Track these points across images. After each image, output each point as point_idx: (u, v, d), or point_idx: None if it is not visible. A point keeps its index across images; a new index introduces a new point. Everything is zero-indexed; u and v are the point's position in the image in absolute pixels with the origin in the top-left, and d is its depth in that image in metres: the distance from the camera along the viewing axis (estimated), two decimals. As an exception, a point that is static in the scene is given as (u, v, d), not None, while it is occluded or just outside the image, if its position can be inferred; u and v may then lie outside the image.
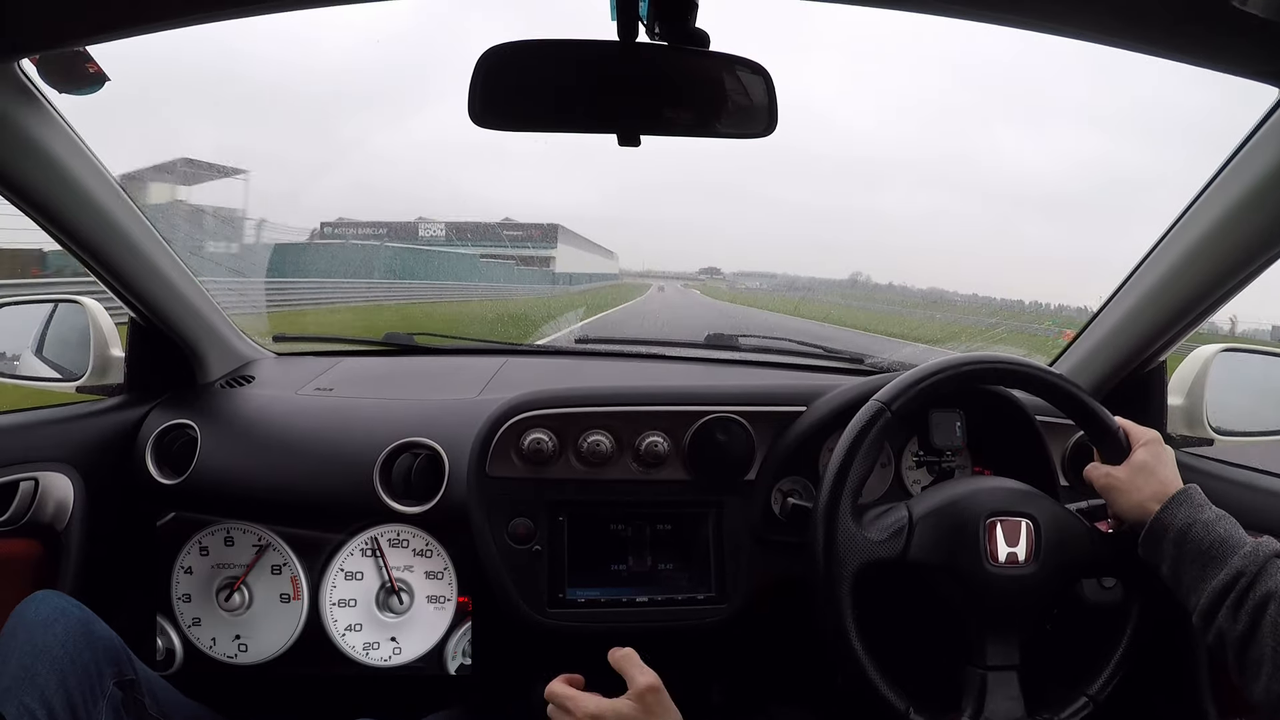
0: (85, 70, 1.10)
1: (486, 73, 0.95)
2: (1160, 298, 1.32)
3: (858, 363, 1.80)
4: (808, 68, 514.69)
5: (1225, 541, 0.90)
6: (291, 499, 1.39)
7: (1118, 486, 1.01)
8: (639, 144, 1.03)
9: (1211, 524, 0.92)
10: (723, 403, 1.35)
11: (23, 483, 1.31)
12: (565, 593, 1.30)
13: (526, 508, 1.31)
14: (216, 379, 1.62)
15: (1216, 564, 0.89)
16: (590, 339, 1.99)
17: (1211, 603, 0.88)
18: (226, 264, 9.43)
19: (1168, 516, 0.95)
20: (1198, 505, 0.95)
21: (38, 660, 1.01)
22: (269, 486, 1.39)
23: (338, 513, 1.40)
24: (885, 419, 1.02)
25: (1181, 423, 1.47)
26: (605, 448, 1.31)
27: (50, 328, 1.63)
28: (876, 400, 1.04)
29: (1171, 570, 0.94)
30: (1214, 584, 0.88)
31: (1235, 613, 0.86)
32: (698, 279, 39.67)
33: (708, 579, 1.33)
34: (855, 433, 1.01)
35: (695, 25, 0.95)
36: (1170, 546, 0.93)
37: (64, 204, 1.21)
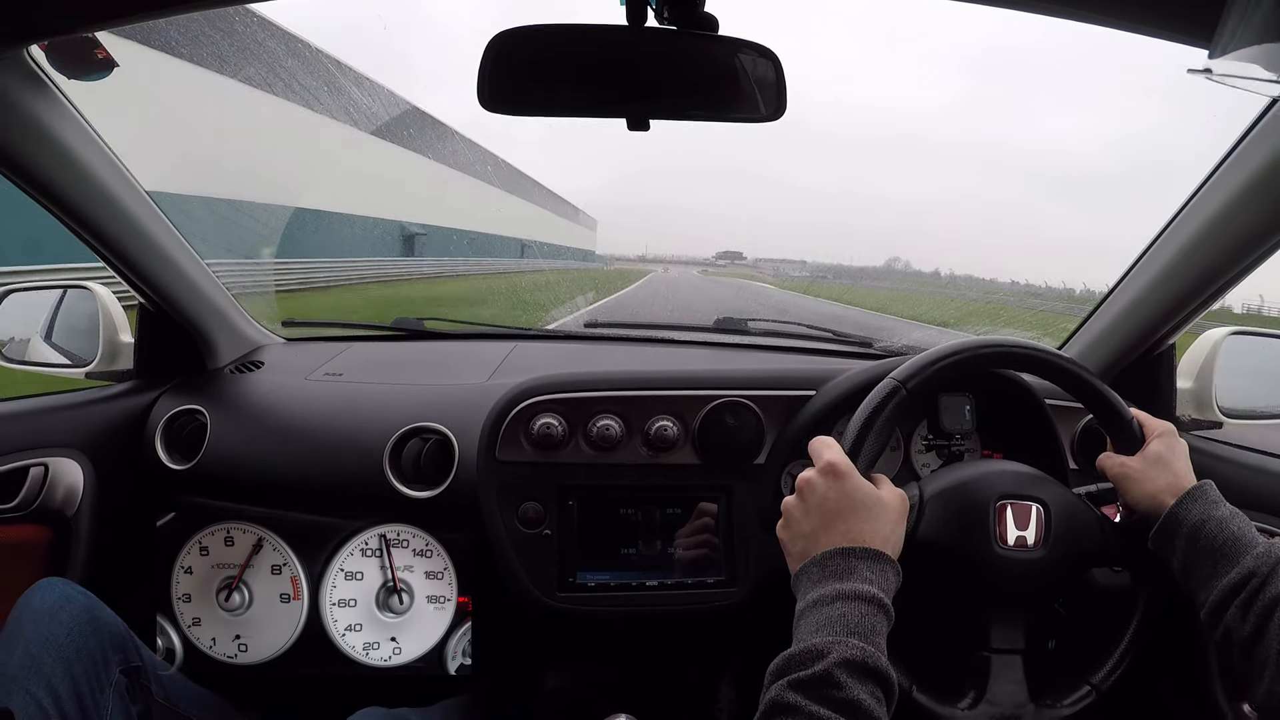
0: (94, 56, 1.10)
1: (495, 58, 0.95)
2: (1169, 281, 1.31)
3: (867, 346, 1.80)
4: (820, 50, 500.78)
5: (1238, 540, 0.90)
6: (301, 484, 1.39)
7: (1131, 476, 1.00)
8: (648, 129, 1.02)
9: (1225, 521, 0.92)
10: (732, 387, 1.35)
11: (33, 468, 1.32)
12: (575, 576, 1.30)
13: (536, 492, 1.31)
14: (226, 364, 1.62)
15: (1228, 562, 0.89)
16: (600, 323, 1.99)
17: (1221, 600, 0.88)
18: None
19: (1182, 511, 0.94)
20: (1212, 501, 0.94)
21: (44, 649, 1.01)
22: (279, 472, 1.40)
23: (347, 498, 1.40)
24: (900, 396, 1.01)
25: (1191, 405, 1.47)
26: (615, 432, 1.31)
27: (59, 313, 1.63)
28: (892, 378, 1.03)
29: (1182, 565, 0.93)
30: (1225, 582, 0.88)
31: (1244, 612, 0.85)
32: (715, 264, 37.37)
33: (718, 563, 1.33)
34: (870, 410, 1.01)
35: (704, 10, 0.94)
36: (1183, 541, 0.93)
37: (73, 190, 1.21)
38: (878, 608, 0.79)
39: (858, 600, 0.78)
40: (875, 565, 0.82)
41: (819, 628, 0.77)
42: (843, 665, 0.72)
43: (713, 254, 45.90)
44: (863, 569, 0.81)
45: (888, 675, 0.74)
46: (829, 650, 0.73)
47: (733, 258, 41.52)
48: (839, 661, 0.72)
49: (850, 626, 0.76)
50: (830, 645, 0.73)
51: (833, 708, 0.69)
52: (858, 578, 0.81)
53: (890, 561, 0.84)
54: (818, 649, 0.73)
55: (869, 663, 0.73)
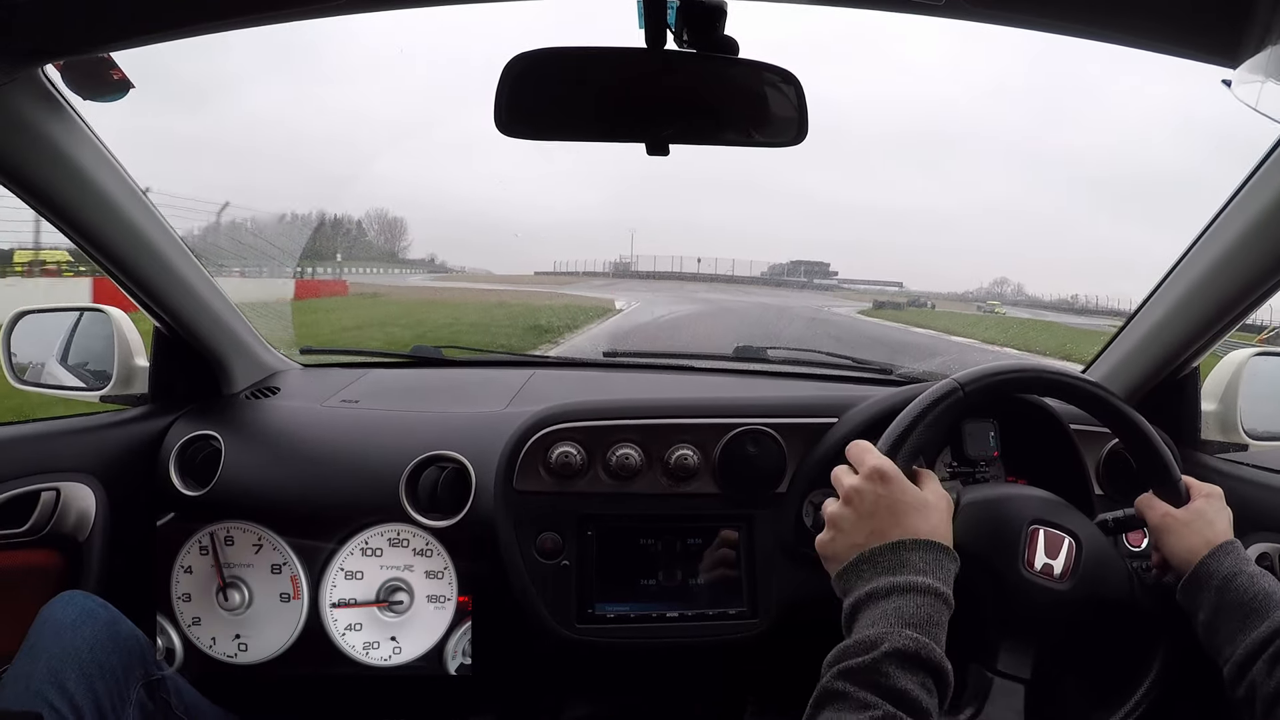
0: (109, 77, 1.09)
1: (513, 80, 0.94)
2: (1194, 303, 1.30)
3: (887, 373, 1.79)
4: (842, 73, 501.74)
5: (1270, 595, 0.89)
6: (316, 511, 1.38)
7: (1172, 529, 0.99)
8: (668, 153, 1.01)
9: (1256, 577, 0.91)
10: (753, 414, 1.33)
11: (44, 493, 1.30)
12: (594, 608, 1.29)
13: (554, 522, 1.29)
14: (241, 390, 1.61)
15: (1258, 616, 0.88)
16: (618, 351, 1.99)
17: (1249, 655, 0.86)
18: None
19: (1214, 563, 0.93)
20: (1243, 558, 0.94)
21: (65, 663, 1.01)
22: (294, 499, 1.38)
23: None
24: (956, 397, 1.00)
25: (1215, 428, 1.46)
26: (634, 461, 1.30)
27: (75, 336, 1.62)
28: (953, 380, 1.02)
29: (1209, 618, 0.92)
30: (1254, 635, 0.87)
31: (1271, 667, 0.84)
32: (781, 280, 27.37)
33: (739, 594, 1.31)
34: (925, 404, 0.99)
35: (724, 33, 0.93)
36: (1212, 594, 0.92)
37: (89, 212, 1.20)
38: (935, 597, 0.78)
39: (913, 592, 0.78)
40: (929, 554, 0.82)
41: (874, 621, 0.77)
42: (894, 655, 0.72)
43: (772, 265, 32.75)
44: (915, 560, 0.81)
45: (941, 666, 0.74)
46: (881, 641, 0.73)
47: (812, 272, 30.16)
48: (890, 652, 0.72)
49: (905, 618, 0.75)
50: (884, 636, 0.73)
51: (880, 695, 0.69)
52: (911, 569, 0.80)
53: (944, 549, 0.83)
54: (871, 640, 0.74)
55: (922, 654, 0.72)
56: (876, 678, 0.70)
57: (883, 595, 0.78)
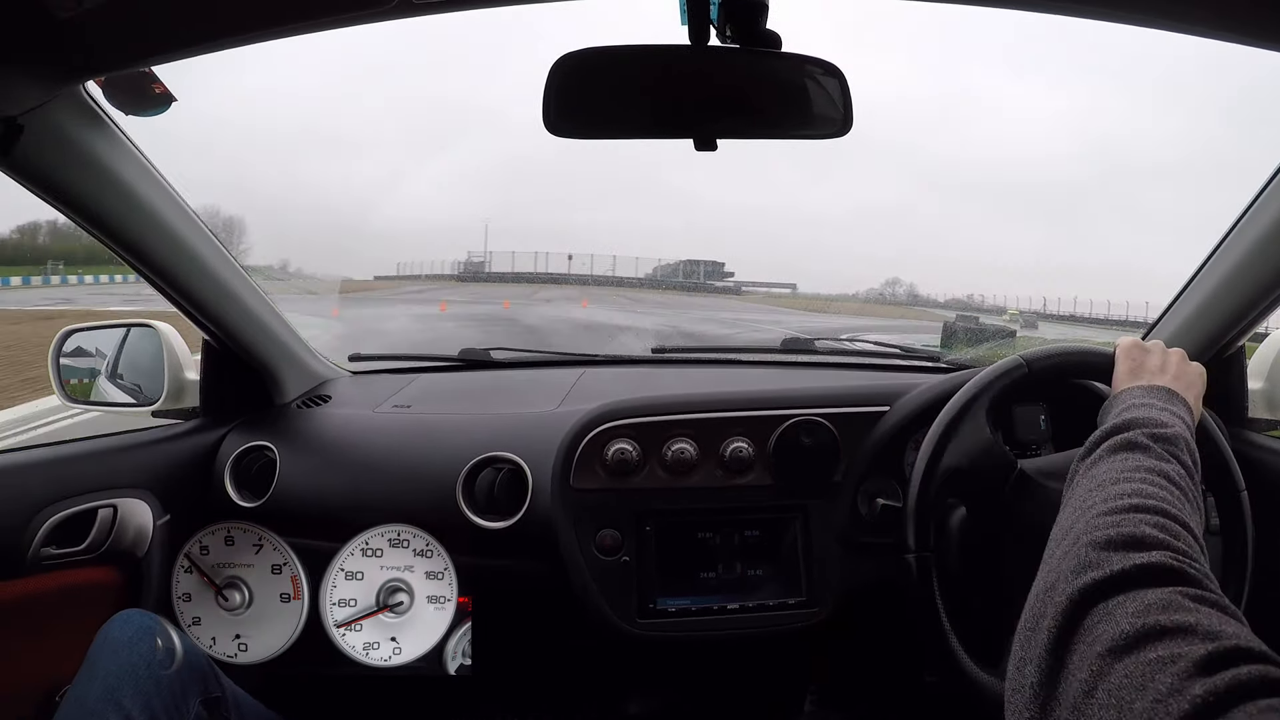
0: (151, 91, 1.08)
1: (561, 80, 0.95)
2: (1240, 280, 1.30)
3: (935, 360, 1.79)
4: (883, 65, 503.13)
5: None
6: (374, 518, 1.38)
7: None
8: (715, 148, 1.01)
9: None
10: (806, 405, 1.34)
11: (101, 510, 1.30)
12: (655, 602, 1.30)
13: (613, 519, 1.30)
14: (293, 399, 1.62)
15: None
16: (666, 348, 2.00)
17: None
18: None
19: None
20: None
21: (123, 681, 1.01)
22: (350, 506, 1.39)
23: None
24: (1021, 373, 1.02)
25: (1262, 406, 1.45)
26: (690, 455, 1.31)
27: (123, 352, 1.63)
28: (1019, 356, 1.04)
29: None
30: None
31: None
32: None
33: (798, 584, 1.32)
34: (990, 377, 1.01)
35: (766, 26, 0.94)
36: None
37: (135, 228, 1.21)
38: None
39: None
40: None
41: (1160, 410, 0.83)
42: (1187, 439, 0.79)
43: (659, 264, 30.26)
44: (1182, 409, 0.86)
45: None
46: (1175, 424, 0.80)
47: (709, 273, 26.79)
48: (1184, 435, 0.79)
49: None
50: (1176, 422, 0.80)
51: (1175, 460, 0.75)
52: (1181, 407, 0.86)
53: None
54: (1165, 420, 0.80)
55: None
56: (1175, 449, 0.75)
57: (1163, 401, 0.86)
